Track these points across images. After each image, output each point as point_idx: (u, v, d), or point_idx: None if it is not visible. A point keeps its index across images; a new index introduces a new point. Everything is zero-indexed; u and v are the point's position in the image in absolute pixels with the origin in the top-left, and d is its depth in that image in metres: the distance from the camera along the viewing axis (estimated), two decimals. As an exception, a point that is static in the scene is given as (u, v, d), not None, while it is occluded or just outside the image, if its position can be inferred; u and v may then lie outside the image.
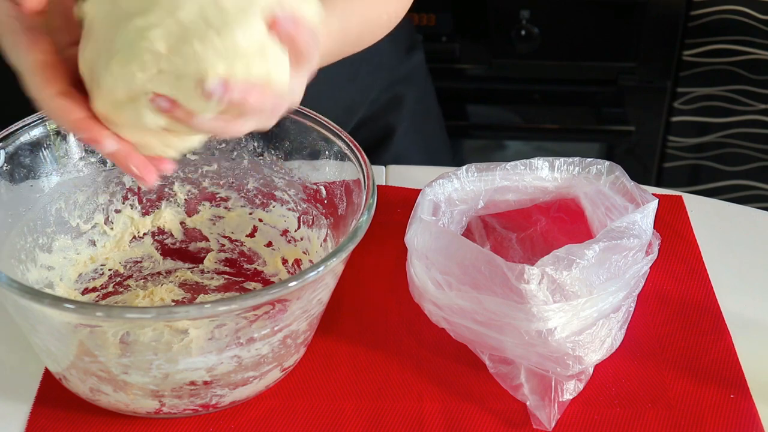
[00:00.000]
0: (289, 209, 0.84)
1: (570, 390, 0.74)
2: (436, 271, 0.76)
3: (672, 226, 0.92)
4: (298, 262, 0.84)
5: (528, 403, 0.74)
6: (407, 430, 0.73)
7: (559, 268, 0.73)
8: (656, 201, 0.81)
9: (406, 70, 1.14)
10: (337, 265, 0.69)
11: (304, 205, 0.83)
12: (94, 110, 0.63)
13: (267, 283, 0.84)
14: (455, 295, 0.75)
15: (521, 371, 0.75)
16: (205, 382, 0.69)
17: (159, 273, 0.85)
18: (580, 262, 0.73)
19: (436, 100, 1.21)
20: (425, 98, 1.18)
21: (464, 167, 0.86)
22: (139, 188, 0.84)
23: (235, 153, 0.84)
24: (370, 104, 1.11)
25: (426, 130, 1.18)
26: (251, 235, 0.86)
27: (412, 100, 1.14)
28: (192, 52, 0.59)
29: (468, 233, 0.88)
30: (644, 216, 0.79)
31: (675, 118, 1.74)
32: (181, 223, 0.86)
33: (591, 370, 0.76)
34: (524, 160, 0.87)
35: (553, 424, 0.73)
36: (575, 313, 0.73)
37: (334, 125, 0.79)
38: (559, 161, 0.87)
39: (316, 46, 0.62)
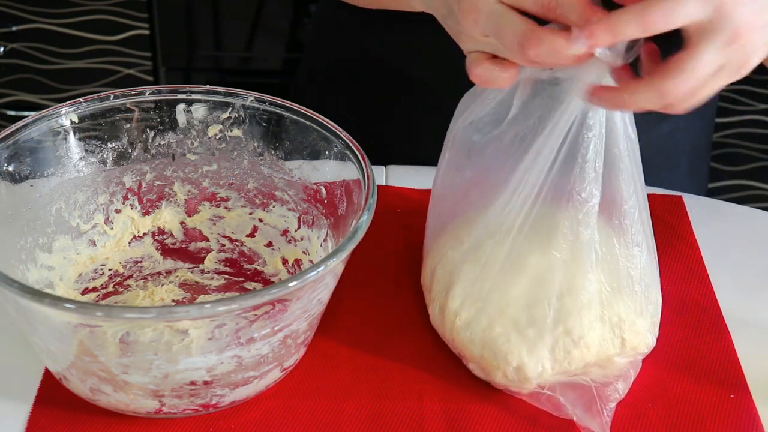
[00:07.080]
0: (289, 209, 0.84)
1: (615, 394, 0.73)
2: None
3: (672, 226, 0.92)
4: (298, 262, 0.84)
5: (575, 419, 0.72)
6: (407, 430, 0.73)
7: None
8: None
9: None
10: (337, 265, 0.69)
11: (304, 205, 0.83)
12: None
13: (267, 283, 0.84)
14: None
15: (557, 390, 0.74)
16: (205, 382, 0.69)
17: (159, 273, 0.85)
18: None
19: None
20: None
21: None
22: (139, 188, 0.84)
23: (235, 153, 0.84)
24: None
25: None
26: (251, 235, 0.86)
27: None
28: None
29: None
30: None
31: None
32: (181, 223, 0.86)
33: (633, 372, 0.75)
34: None
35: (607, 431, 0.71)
36: None
37: (334, 125, 0.79)
38: None
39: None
